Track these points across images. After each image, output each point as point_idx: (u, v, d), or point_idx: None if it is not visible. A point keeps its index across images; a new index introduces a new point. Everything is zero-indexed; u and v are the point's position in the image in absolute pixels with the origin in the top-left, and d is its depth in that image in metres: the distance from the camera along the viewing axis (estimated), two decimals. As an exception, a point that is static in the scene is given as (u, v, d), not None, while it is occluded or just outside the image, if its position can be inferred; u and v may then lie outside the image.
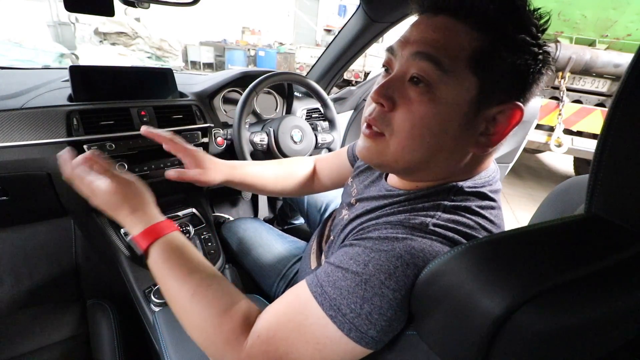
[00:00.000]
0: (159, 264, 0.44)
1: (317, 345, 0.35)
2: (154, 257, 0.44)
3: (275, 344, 0.37)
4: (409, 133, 0.37)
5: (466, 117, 0.36)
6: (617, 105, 0.24)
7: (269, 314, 0.40)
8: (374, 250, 0.36)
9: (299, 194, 0.83)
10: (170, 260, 0.44)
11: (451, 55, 0.34)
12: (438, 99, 0.35)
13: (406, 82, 0.37)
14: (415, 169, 0.40)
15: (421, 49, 0.35)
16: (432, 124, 0.36)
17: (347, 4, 9.59)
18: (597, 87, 2.82)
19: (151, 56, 6.59)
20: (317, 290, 0.37)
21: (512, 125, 0.37)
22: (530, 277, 0.24)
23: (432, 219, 0.37)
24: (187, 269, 0.43)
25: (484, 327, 0.24)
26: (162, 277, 0.44)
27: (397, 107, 0.37)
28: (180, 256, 0.45)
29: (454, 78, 0.35)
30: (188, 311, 0.42)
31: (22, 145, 0.73)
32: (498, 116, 0.36)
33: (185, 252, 0.46)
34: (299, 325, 0.36)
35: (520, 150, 1.64)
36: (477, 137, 0.38)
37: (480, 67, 0.34)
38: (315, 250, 0.61)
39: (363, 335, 0.34)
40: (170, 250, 0.45)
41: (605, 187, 0.25)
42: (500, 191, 0.45)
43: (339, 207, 0.60)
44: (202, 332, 0.40)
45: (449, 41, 0.34)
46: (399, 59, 0.38)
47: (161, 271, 0.44)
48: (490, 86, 0.35)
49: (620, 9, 2.46)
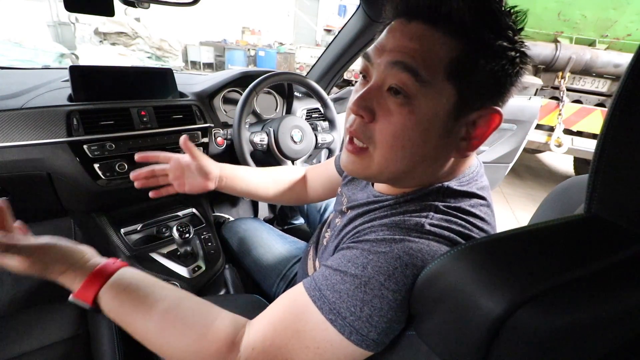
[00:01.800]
0: (115, 310, 0.40)
1: (318, 350, 0.35)
2: (107, 305, 0.40)
3: (273, 353, 0.36)
4: (390, 145, 0.37)
5: (446, 126, 0.36)
6: (617, 105, 0.24)
7: (264, 323, 0.38)
8: (371, 253, 0.36)
9: (293, 202, 0.83)
10: (125, 301, 0.40)
11: (429, 66, 0.34)
12: (417, 110, 0.35)
13: (384, 92, 0.36)
14: (399, 178, 0.40)
15: (399, 59, 0.34)
16: (413, 135, 0.36)
17: (347, 4, 9.59)
18: (597, 87, 2.82)
19: (151, 56, 6.59)
20: (316, 294, 0.37)
21: (491, 129, 0.37)
22: (530, 277, 0.24)
23: (426, 219, 0.37)
24: (146, 304, 0.40)
25: (483, 327, 0.24)
26: (123, 322, 0.40)
27: (377, 118, 0.37)
28: (133, 293, 0.40)
29: (433, 89, 0.34)
30: (164, 346, 0.38)
31: (22, 145, 0.73)
32: (478, 121, 0.37)
33: (140, 286, 0.41)
34: (297, 331, 0.36)
35: (520, 150, 1.64)
36: (458, 143, 0.38)
37: (458, 76, 0.34)
38: (311, 257, 0.62)
39: (364, 338, 0.34)
40: (120, 291, 0.40)
41: (605, 187, 0.25)
42: (488, 187, 0.45)
43: (332, 216, 0.61)
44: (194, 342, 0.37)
45: (426, 51, 0.34)
46: (376, 67, 0.37)
47: (120, 317, 0.40)
48: (469, 94, 0.35)
49: (620, 9, 2.46)
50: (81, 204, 0.88)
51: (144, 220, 0.97)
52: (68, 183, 0.79)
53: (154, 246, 0.92)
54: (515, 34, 0.34)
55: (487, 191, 0.44)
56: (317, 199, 0.82)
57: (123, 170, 0.83)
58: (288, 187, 0.78)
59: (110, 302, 0.40)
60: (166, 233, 0.97)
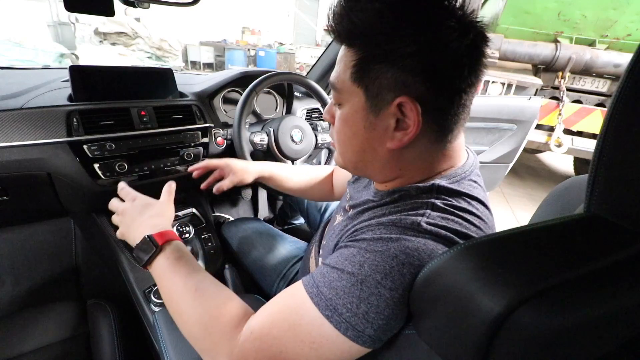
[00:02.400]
0: (169, 262, 0.48)
1: (313, 344, 0.35)
2: (165, 255, 0.49)
3: (268, 342, 0.37)
4: (337, 140, 0.47)
5: (368, 120, 0.42)
6: (617, 105, 0.24)
7: (264, 312, 0.41)
8: (368, 251, 0.36)
9: (321, 199, 0.96)
10: (178, 259, 0.49)
11: (340, 77, 0.42)
12: (343, 112, 0.44)
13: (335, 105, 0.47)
14: (361, 168, 0.48)
15: (329, 80, 0.46)
16: (344, 130, 0.45)
17: (347, 4, 9.56)
18: (597, 87, 2.82)
19: (151, 56, 6.60)
20: (313, 290, 0.37)
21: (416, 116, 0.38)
22: (529, 276, 0.24)
23: (423, 217, 0.38)
24: (191, 268, 0.48)
25: (483, 327, 0.24)
26: (169, 273, 0.48)
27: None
28: (185, 257, 0.50)
29: (347, 94, 0.42)
30: (189, 305, 0.44)
31: (22, 145, 0.73)
32: (404, 110, 0.39)
33: (189, 256, 0.51)
34: (293, 324, 0.37)
35: (520, 150, 1.64)
36: (392, 134, 0.41)
37: (360, 77, 0.40)
38: (314, 256, 0.62)
39: (360, 334, 0.34)
40: (177, 251, 0.50)
41: (605, 186, 0.25)
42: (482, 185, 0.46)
43: (334, 213, 0.62)
44: (199, 326, 0.42)
45: (341, 66, 0.42)
46: None
47: (170, 267, 0.48)
48: (375, 89, 0.39)
49: (620, 9, 2.46)
50: (81, 204, 0.88)
51: (144, 220, 0.97)
52: (68, 183, 0.79)
53: (154, 246, 0.92)
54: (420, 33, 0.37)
55: (480, 190, 0.44)
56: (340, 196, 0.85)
57: (123, 170, 0.83)
58: (320, 185, 0.87)
59: (169, 254, 0.49)
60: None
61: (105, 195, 0.85)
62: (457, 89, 0.38)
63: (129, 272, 0.83)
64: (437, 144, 0.42)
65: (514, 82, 2.76)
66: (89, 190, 0.81)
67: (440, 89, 0.38)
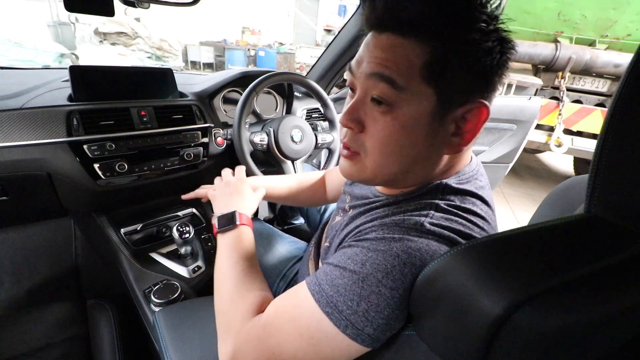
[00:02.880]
0: (236, 239, 0.55)
1: (312, 340, 0.36)
2: (237, 232, 0.56)
3: (269, 332, 0.39)
4: (380, 151, 0.39)
5: (431, 126, 0.37)
6: (617, 105, 0.24)
7: (273, 304, 0.43)
8: (371, 250, 0.36)
9: (315, 204, 0.93)
10: (243, 241, 0.55)
11: (403, 73, 0.35)
12: (400, 116, 0.36)
13: (369, 102, 0.38)
14: (395, 180, 0.42)
15: (374, 70, 0.36)
16: (400, 140, 0.38)
17: (347, 4, 9.60)
18: (597, 87, 2.82)
19: (151, 56, 6.59)
20: (315, 288, 0.38)
21: (481, 123, 0.37)
22: (529, 277, 0.24)
23: (426, 218, 0.38)
24: (249, 252, 0.55)
25: (483, 327, 0.24)
26: (232, 247, 0.54)
27: (365, 128, 0.39)
28: (249, 242, 0.57)
29: (411, 94, 0.35)
30: (231, 279, 0.50)
31: (22, 145, 0.73)
32: (467, 115, 0.37)
33: (252, 243, 0.58)
34: (293, 318, 0.38)
35: (520, 150, 1.64)
36: (449, 139, 0.39)
37: (434, 77, 0.35)
38: (313, 257, 0.62)
39: (359, 332, 0.34)
40: (247, 235, 0.57)
41: (605, 187, 0.25)
42: (488, 187, 0.45)
43: (334, 214, 0.62)
44: (229, 298, 0.47)
45: (399, 59, 0.35)
46: (358, 79, 0.39)
47: (234, 244, 0.54)
48: (448, 92, 0.36)
49: (620, 9, 2.46)
50: (81, 204, 0.88)
51: (144, 220, 0.97)
52: (68, 183, 0.79)
53: (154, 246, 0.92)
54: (491, 20, 0.35)
55: (487, 190, 0.44)
56: (334, 199, 0.85)
57: (123, 170, 0.83)
58: (311, 190, 0.85)
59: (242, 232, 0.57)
60: (166, 233, 0.97)
61: (105, 195, 0.85)
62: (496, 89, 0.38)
63: (129, 272, 0.83)
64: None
65: (514, 82, 2.76)
66: (89, 190, 0.81)
67: (490, 93, 0.37)
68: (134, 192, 0.91)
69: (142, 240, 0.94)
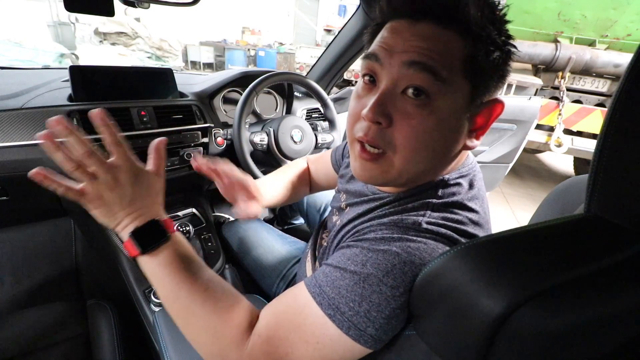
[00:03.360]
0: (176, 255, 0.41)
1: (317, 344, 0.35)
2: (173, 246, 0.42)
3: (275, 344, 0.37)
4: (414, 148, 0.36)
5: (461, 121, 0.37)
6: (617, 105, 0.24)
7: (269, 314, 0.40)
8: (371, 250, 0.37)
9: (303, 196, 0.87)
10: (187, 253, 0.43)
11: (446, 65, 0.34)
12: (437, 109, 0.35)
13: (398, 94, 0.36)
14: (417, 178, 0.41)
15: (416, 59, 0.34)
16: (434, 135, 0.36)
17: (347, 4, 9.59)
18: (597, 87, 2.82)
19: (151, 56, 6.59)
20: (316, 290, 0.37)
21: (493, 119, 0.39)
22: (529, 277, 0.24)
23: (423, 217, 0.38)
24: (200, 264, 0.43)
25: (483, 327, 0.24)
26: (177, 269, 0.41)
27: (394, 123, 0.36)
28: (191, 251, 0.44)
29: (451, 87, 0.35)
30: (199, 307, 0.39)
31: (22, 145, 0.73)
32: (481, 111, 0.38)
33: (191, 250, 0.44)
34: (298, 325, 0.37)
35: (520, 150, 1.64)
36: (467, 135, 0.39)
37: (472, 72, 0.35)
38: (310, 258, 0.62)
39: (362, 333, 0.34)
40: (184, 244, 0.44)
41: (605, 186, 0.25)
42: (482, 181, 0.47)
43: (329, 214, 0.61)
44: (209, 329, 0.39)
45: (442, 50, 0.34)
46: (387, 68, 0.36)
47: (178, 262, 0.41)
48: (481, 88, 0.36)
49: (620, 9, 2.46)
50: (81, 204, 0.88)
51: (144, 220, 0.97)
52: None
53: (154, 246, 0.92)
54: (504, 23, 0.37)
55: (481, 184, 0.45)
56: (320, 188, 0.85)
57: (123, 170, 0.83)
58: (297, 185, 0.81)
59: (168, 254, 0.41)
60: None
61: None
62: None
63: (129, 272, 0.83)
64: None
65: (514, 82, 2.76)
66: (89, 190, 0.81)
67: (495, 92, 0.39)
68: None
69: (142, 240, 0.94)
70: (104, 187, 0.41)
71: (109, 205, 0.41)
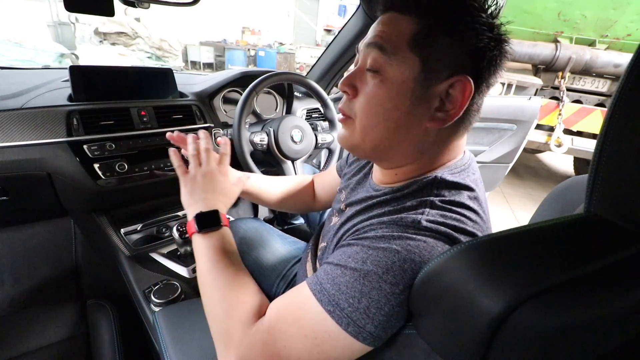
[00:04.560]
0: (222, 242, 0.51)
1: (316, 340, 0.36)
2: (221, 234, 0.51)
3: (274, 335, 0.39)
4: (366, 112, 0.42)
5: (415, 93, 0.40)
6: (617, 105, 0.24)
7: (274, 307, 0.42)
8: (371, 248, 0.37)
9: (300, 210, 0.90)
10: (230, 244, 0.52)
11: (393, 41, 0.39)
12: (387, 80, 0.40)
13: (365, 71, 0.42)
14: (383, 149, 0.44)
15: (371, 41, 0.41)
16: (383, 101, 0.41)
17: (347, 4, 9.61)
18: (597, 87, 2.82)
19: (151, 56, 6.59)
20: (316, 287, 0.38)
21: (465, 99, 0.39)
22: (529, 276, 0.24)
23: (422, 215, 0.39)
24: (236, 255, 0.52)
25: (483, 326, 0.24)
26: (219, 251, 0.49)
27: (358, 94, 0.43)
28: (233, 244, 0.53)
29: (397, 59, 0.39)
30: (225, 286, 0.47)
31: (22, 145, 0.73)
32: (451, 91, 0.39)
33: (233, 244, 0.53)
34: (298, 319, 0.38)
35: (520, 150, 1.64)
36: (433, 113, 0.40)
37: (420, 47, 0.38)
38: (310, 258, 0.62)
39: (361, 329, 0.34)
40: (230, 237, 0.54)
41: (605, 186, 0.25)
42: (480, 179, 0.47)
43: (329, 215, 0.62)
44: (225, 306, 0.45)
45: (392, 30, 0.40)
46: (360, 52, 0.44)
47: (221, 247, 0.50)
48: (434, 63, 0.39)
49: (620, 9, 2.46)
50: (81, 204, 0.88)
51: (144, 220, 0.97)
52: (68, 183, 0.79)
53: (154, 246, 0.92)
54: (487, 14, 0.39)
55: (479, 182, 0.45)
56: (323, 206, 0.85)
57: (123, 170, 0.83)
58: (295, 195, 0.82)
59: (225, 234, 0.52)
60: (166, 233, 0.97)
61: (105, 195, 0.85)
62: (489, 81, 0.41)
63: (129, 272, 0.83)
64: (455, 132, 0.43)
65: (514, 82, 2.76)
66: (89, 190, 0.81)
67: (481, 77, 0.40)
68: (134, 192, 0.91)
69: (142, 240, 0.94)
70: (200, 174, 0.56)
71: (194, 188, 0.55)
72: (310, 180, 0.85)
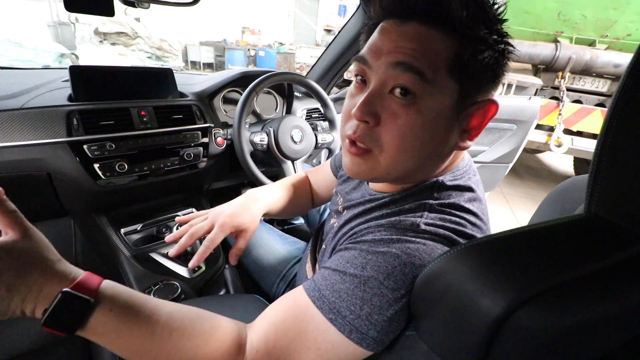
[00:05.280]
0: (108, 328, 0.33)
1: (319, 350, 0.35)
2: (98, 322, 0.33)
3: (276, 355, 0.36)
4: (399, 147, 0.37)
5: (450, 121, 0.37)
6: (617, 105, 0.24)
7: (265, 325, 0.38)
8: (370, 253, 0.36)
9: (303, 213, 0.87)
10: (121, 314, 0.34)
11: (432, 65, 0.34)
12: (424, 109, 0.35)
13: (386, 94, 0.36)
14: (406, 176, 0.41)
15: (401, 59, 0.34)
16: (421, 134, 0.36)
17: (347, 4, 9.60)
18: (597, 87, 2.82)
19: (151, 56, 6.59)
20: (315, 294, 0.37)
21: (488, 119, 0.38)
22: (529, 277, 0.24)
23: (421, 218, 0.38)
24: (148, 311, 0.35)
25: (483, 327, 0.24)
26: (124, 326, 0.33)
27: (381, 122, 0.37)
28: (130, 301, 0.35)
29: (437, 87, 0.35)
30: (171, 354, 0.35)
31: (22, 145, 0.73)
32: (475, 112, 0.38)
33: (131, 295, 0.36)
34: (299, 332, 0.36)
35: (520, 150, 1.64)
36: (460, 136, 0.39)
37: (459, 72, 0.35)
38: (310, 259, 0.62)
39: (364, 336, 0.34)
40: (118, 293, 0.35)
41: (605, 187, 0.25)
42: (480, 182, 0.46)
43: (328, 217, 0.61)
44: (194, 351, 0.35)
45: (428, 50, 0.34)
46: (375, 69, 0.37)
47: (116, 332, 0.33)
48: (470, 88, 0.36)
49: (620, 9, 2.46)
50: (81, 204, 0.88)
51: (144, 220, 0.97)
52: (68, 183, 0.79)
53: (154, 246, 0.92)
54: (499, 23, 0.36)
55: (479, 185, 0.45)
56: (323, 201, 0.83)
57: (123, 170, 0.83)
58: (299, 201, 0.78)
59: (111, 306, 0.34)
60: (166, 233, 0.97)
61: (105, 195, 0.85)
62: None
63: (129, 272, 0.83)
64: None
65: (514, 82, 2.76)
66: (89, 190, 0.81)
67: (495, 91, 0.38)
68: (134, 192, 0.91)
69: (142, 240, 0.94)
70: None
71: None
72: (307, 181, 0.83)
